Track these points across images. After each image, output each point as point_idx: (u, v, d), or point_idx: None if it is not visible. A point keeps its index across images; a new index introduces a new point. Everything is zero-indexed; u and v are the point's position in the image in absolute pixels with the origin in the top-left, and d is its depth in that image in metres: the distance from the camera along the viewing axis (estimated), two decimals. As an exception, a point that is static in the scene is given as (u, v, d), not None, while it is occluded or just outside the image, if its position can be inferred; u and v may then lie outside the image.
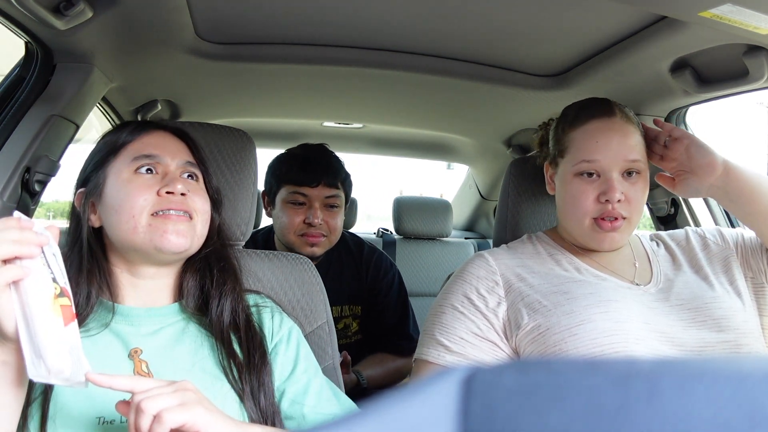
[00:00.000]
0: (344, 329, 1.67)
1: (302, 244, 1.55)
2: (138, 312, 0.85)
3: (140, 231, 0.82)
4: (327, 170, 1.56)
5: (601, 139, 1.00)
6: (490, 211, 2.98)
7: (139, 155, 0.87)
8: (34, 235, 0.68)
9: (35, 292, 0.65)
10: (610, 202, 0.97)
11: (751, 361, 0.23)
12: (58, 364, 0.64)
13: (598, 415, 0.22)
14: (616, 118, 1.02)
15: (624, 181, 0.99)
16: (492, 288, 1.00)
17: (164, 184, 0.85)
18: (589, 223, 1.00)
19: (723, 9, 0.84)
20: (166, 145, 0.90)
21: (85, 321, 0.81)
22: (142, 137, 0.89)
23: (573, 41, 1.33)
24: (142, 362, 0.81)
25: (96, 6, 1.03)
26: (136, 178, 0.85)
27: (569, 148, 1.04)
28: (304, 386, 0.88)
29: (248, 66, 1.55)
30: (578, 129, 1.03)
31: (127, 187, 0.84)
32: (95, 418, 0.75)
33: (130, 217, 0.82)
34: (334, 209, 1.58)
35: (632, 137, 1.01)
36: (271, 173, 1.62)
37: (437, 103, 1.92)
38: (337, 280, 1.65)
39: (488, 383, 0.24)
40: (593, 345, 0.89)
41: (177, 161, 0.89)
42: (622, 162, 0.99)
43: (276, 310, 0.96)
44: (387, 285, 1.72)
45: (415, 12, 1.24)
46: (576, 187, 1.01)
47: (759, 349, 0.96)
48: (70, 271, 0.83)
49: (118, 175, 0.86)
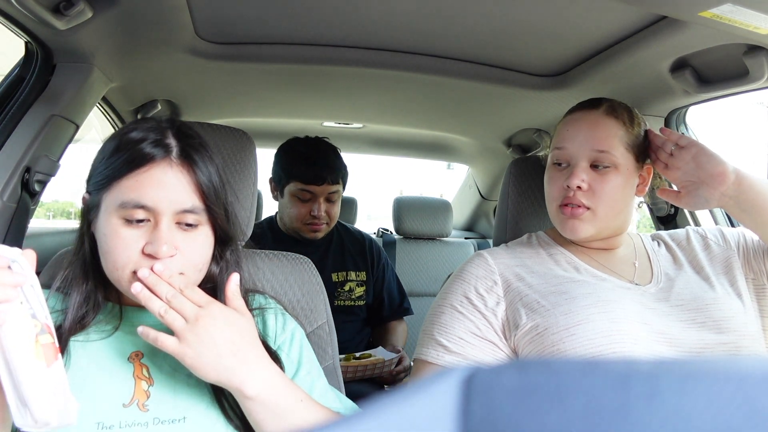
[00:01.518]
0: (349, 291, 1.91)
1: (307, 230, 1.80)
2: (138, 314, 0.85)
3: (123, 284, 0.77)
4: (332, 170, 1.77)
5: (572, 128, 1.04)
6: (490, 211, 2.98)
7: (128, 202, 0.75)
8: (10, 275, 0.62)
9: (15, 336, 0.61)
10: (570, 188, 0.99)
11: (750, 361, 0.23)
12: (45, 415, 0.61)
13: (598, 415, 0.22)
14: (597, 111, 1.03)
15: (592, 171, 1.00)
16: (491, 288, 1.00)
17: (149, 241, 0.75)
18: (554, 209, 1.04)
19: (723, 9, 0.84)
20: (166, 187, 0.76)
21: (89, 326, 0.80)
22: (140, 173, 0.76)
23: (573, 41, 1.33)
24: (143, 366, 0.81)
25: (96, 6, 1.03)
26: (121, 230, 0.75)
27: (553, 138, 1.09)
28: (309, 388, 0.88)
29: (248, 66, 1.55)
30: (563, 120, 1.08)
31: (113, 238, 0.76)
32: (95, 423, 0.75)
33: (114, 269, 0.76)
34: (335, 200, 1.82)
35: (605, 129, 1.01)
36: (281, 166, 1.81)
37: (437, 103, 1.92)
38: (339, 251, 1.92)
39: (488, 383, 0.24)
40: (591, 345, 0.89)
41: (174, 208, 0.76)
42: (589, 151, 1.00)
43: (279, 311, 0.95)
44: (385, 260, 2.00)
45: (415, 12, 1.24)
46: (549, 175, 1.06)
47: (759, 351, 0.95)
48: (74, 273, 0.82)
49: (107, 217, 0.76)
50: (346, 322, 1.84)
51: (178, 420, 0.78)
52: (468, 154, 2.71)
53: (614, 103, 1.05)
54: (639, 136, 1.04)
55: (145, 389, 0.79)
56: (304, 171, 1.74)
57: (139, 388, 0.79)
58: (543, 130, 2.03)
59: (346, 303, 1.88)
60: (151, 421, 0.77)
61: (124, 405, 0.77)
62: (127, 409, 0.77)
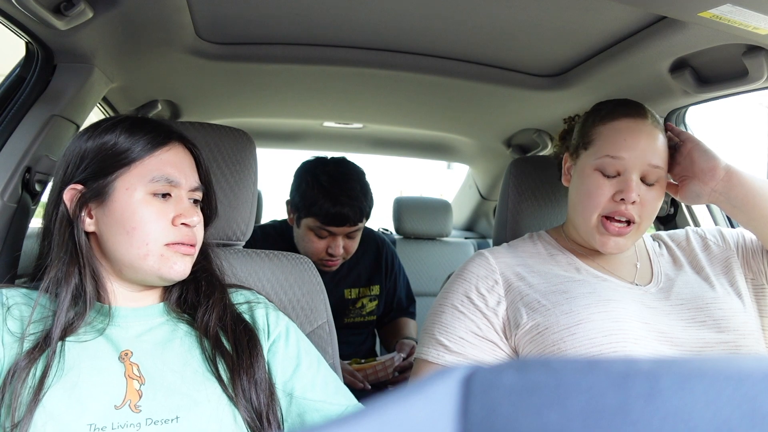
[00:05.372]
0: (360, 308, 1.81)
1: (320, 264, 1.60)
2: (125, 312, 0.84)
3: (150, 259, 0.81)
4: (356, 210, 1.57)
5: (629, 138, 0.99)
6: (490, 211, 2.98)
7: (158, 177, 0.83)
8: None
9: None
10: (626, 201, 0.96)
11: (750, 361, 0.23)
12: None
13: (598, 415, 0.22)
14: (647, 121, 1.01)
15: (642, 184, 0.98)
16: (492, 287, 1.00)
17: (179, 214, 0.83)
18: (596, 220, 0.99)
19: (723, 9, 0.84)
20: (183, 166, 0.86)
21: (80, 327, 0.80)
22: (161, 153, 0.84)
23: (573, 41, 1.33)
24: (133, 365, 0.80)
25: (96, 6, 1.03)
26: (152, 202, 0.82)
27: (595, 141, 1.03)
28: (311, 381, 0.88)
29: (248, 66, 1.55)
30: (608, 124, 1.02)
31: (143, 211, 0.81)
32: (87, 425, 0.74)
33: (143, 244, 0.81)
34: (354, 237, 1.64)
35: (658, 142, 1.00)
36: (300, 196, 1.60)
37: (437, 103, 1.92)
38: (354, 267, 1.79)
39: (488, 383, 0.24)
40: (591, 345, 0.89)
41: (189, 185, 0.86)
42: (645, 165, 0.98)
43: (270, 306, 0.95)
44: (398, 267, 1.91)
45: (415, 12, 1.24)
46: (593, 181, 1.00)
47: (759, 350, 0.96)
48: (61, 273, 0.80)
49: (131, 193, 0.81)
50: (354, 335, 1.80)
51: (170, 420, 0.78)
52: (468, 154, 2.71)
53: (653, 113, 1.04)
54: (668, 145, 1.03)
55: (137, 389, 0.79)
56: (326, 211, 1.54)
57: (131, 389, 0.78)
58: (543, 130, 2.03)
59: (356, 320, 1.80)
60: (144, 421, 0.77)
61: (116, 406, 0.76)
62: (119, 410, 0.76)
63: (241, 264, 1.10)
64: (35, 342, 0.77)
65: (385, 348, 1.93)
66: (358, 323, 1.81)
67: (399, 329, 1.86)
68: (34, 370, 0.75)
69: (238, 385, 0.82)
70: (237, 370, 0.83)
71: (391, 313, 1.91)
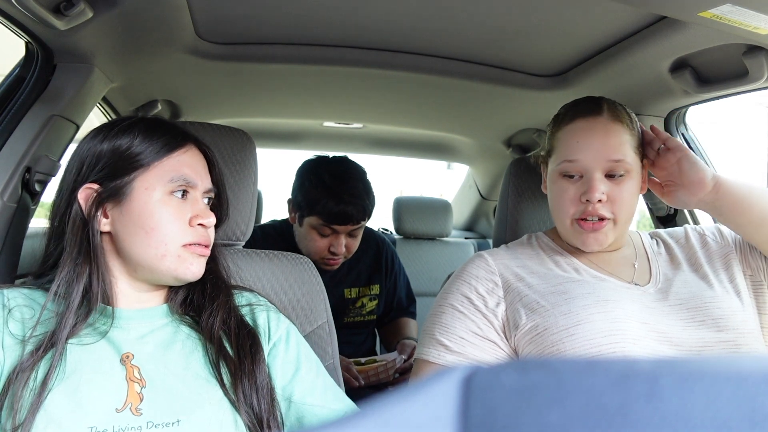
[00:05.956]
0: (360, 308, 1.81)
1: (321, 263, 1.63)
2: (128, 314, 0.84)
3: (168, 259, 0.82)
4: (359, 209, 1.59)
5: (582, 139, 0.99)
6: (490, 211, 2.98)
7: (177, 177, 0.84)
8: None
9: None
10: (591, 202, 0.97)
11: (750, 360, 0.23)
12: None
13: (598, 415, 0.22)
14: (601, 117, 1.01)
15: (608, 181, 0.98)
16: (491, 289, 1.00)
17: (196, 214, 0.84)
18: (569, 223, 1.01)
19: (723, 9, 0.84)
20: (199, 168, 0.88)
21: (83, 328, 0.79)
22: (178, 155, 0.86)
23: (573, 41, 1.33)
24: (134, 368, 0.80)
25: (96, 6, 1.03)
26: (170, 202, 0.83)
27: (555, 147, 1.04)
28: (311, 385, 0.88)
29: (248, 66, 1.55)
30: (563, 129, 1.03)
31: (161, 210, 0.82)
32: (88, 428, 0.74)
33: (162, 244, 0.81)
34: (356, 235, 1.66)
35: (616, 137, 0.99)
36: (302, 194, 1.61)
37: (437, 103, 1.92)
38: (354, 267, 1.79)
39: (488, 383, 0.24)
40: (591, 345, 0.89)
41: (204, 186, 0.88)
42: (604, 162, 0.98)
43: (271, 308, 0.95)
44: (399, 267, 1.92)
45: (415, 12, 1.24)
46: (559, 187, 1.02)
47: (758, 348, 0.96)
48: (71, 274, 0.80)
49: (150, 193, 0.82)
50: (354, 335, 1.80)
51: (172, 423, 0.77)
52: (468, 154, 2.71)
53: (612, 105, 1.04)
54: (639, 135, 1.05)
55: (138, 392, 0.78)
56: (329, 209, 1.55)
57: (132, 392, 0.78)
58: (543, 130, 2.03)
59: (356, 319, 1.81)
60: (145, 425, 0.76)
61: (117, 410, 0.76)
62: (120, 413, 0.76)
63: (240, 264, 1.10)
64: (38, 344, 0.76)
65: (385, 348, 1.93)
66: (358, 323, 1.81)
67: (399, 329, 1.87)
68: (36, 372, 0.74)
69: (240, 389, 0.82)
70: (239, 375, 0.83)
71: (391, 312, 1.91)
